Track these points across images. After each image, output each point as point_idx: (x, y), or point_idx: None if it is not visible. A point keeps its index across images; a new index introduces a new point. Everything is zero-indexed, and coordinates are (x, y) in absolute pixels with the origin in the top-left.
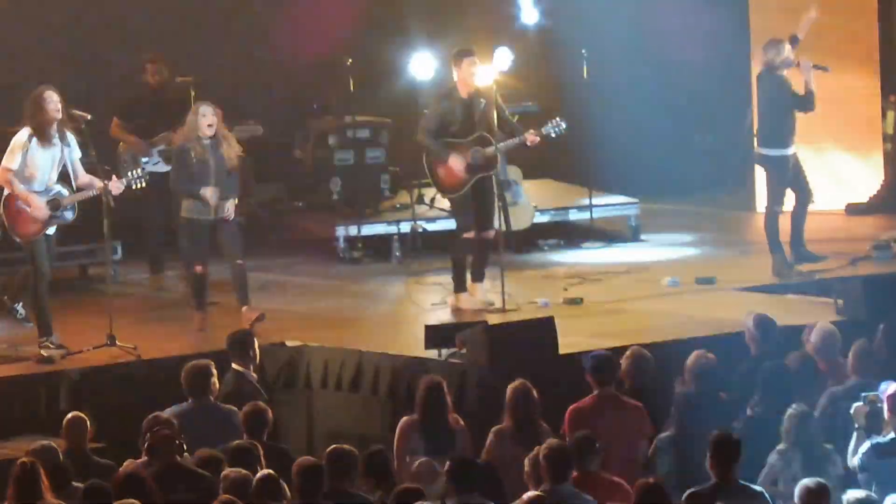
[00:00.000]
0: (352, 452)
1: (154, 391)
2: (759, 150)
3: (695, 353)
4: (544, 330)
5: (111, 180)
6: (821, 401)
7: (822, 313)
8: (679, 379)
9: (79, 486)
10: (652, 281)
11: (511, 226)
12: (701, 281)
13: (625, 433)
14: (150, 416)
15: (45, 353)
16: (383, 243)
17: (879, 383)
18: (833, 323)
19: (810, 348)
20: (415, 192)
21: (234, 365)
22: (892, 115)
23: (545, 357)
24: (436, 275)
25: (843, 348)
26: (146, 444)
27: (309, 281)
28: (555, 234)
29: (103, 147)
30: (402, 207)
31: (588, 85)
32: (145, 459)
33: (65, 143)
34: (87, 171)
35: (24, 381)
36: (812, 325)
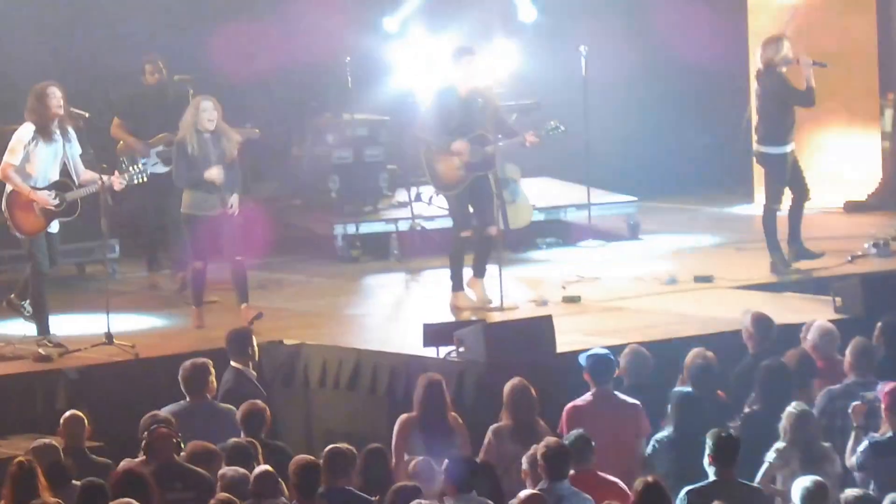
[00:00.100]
0: (350, 451)
1: (152, 389)
2: (758, 148)
3: (693, 351)
4: (542, 328)
5: (112, 176)
6: (819, 399)
7: (820, 311)
8: (679, 377)
9: (78, 484)
10: (650, 279)
11: (509, 224)
12: (699, 279)
13: (622, 431)
14: (147, 415)
15: (42, 351)
16: (382, 241)
17: (877, 381)
18: (831, 321)
19: (808, 346)
20: (413, 191)
21: (232, 363)
22: (889, 114)
23: (543, 355)
24: (434, 272)
25: (842, 346)
26: (144, 442)
27: (307, 279)
28: (553, 233)
29: (101, 145)
30: (401, 205)
31: (586, 83)
32: (143, 458)
33: (66, 140)
34: (86, 168)
35: (21, 379)
36: (810, 323)
